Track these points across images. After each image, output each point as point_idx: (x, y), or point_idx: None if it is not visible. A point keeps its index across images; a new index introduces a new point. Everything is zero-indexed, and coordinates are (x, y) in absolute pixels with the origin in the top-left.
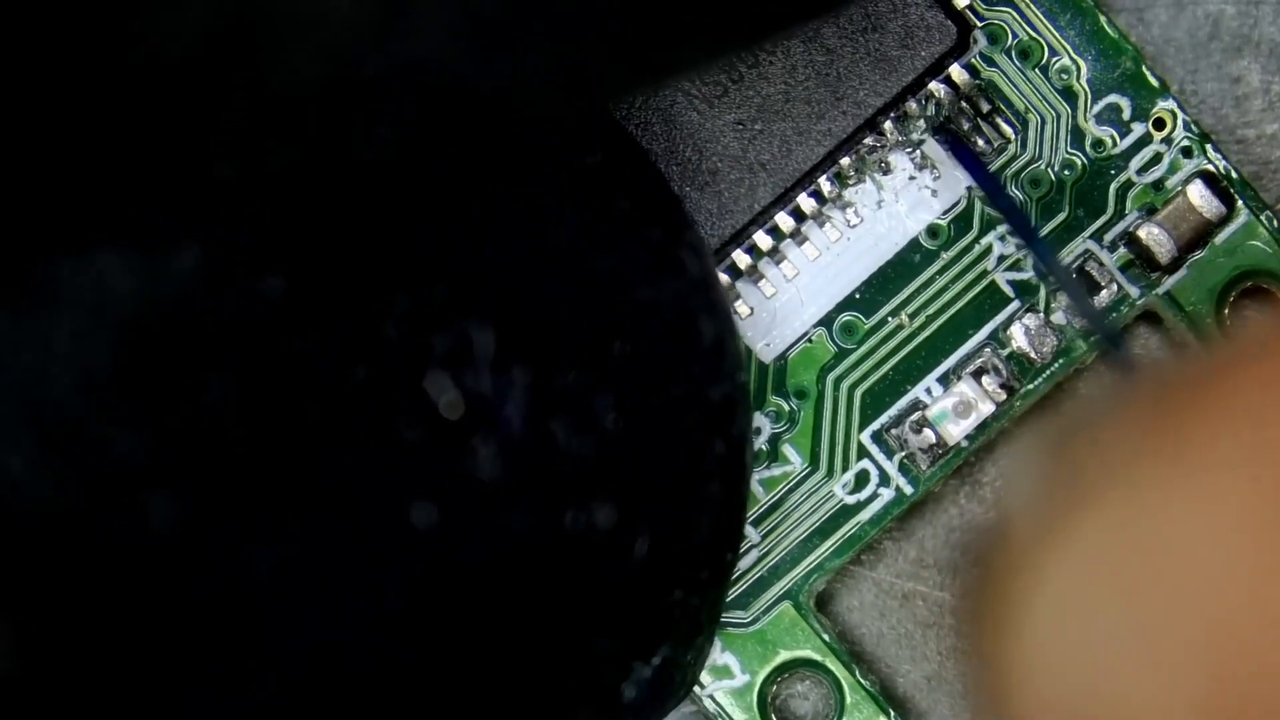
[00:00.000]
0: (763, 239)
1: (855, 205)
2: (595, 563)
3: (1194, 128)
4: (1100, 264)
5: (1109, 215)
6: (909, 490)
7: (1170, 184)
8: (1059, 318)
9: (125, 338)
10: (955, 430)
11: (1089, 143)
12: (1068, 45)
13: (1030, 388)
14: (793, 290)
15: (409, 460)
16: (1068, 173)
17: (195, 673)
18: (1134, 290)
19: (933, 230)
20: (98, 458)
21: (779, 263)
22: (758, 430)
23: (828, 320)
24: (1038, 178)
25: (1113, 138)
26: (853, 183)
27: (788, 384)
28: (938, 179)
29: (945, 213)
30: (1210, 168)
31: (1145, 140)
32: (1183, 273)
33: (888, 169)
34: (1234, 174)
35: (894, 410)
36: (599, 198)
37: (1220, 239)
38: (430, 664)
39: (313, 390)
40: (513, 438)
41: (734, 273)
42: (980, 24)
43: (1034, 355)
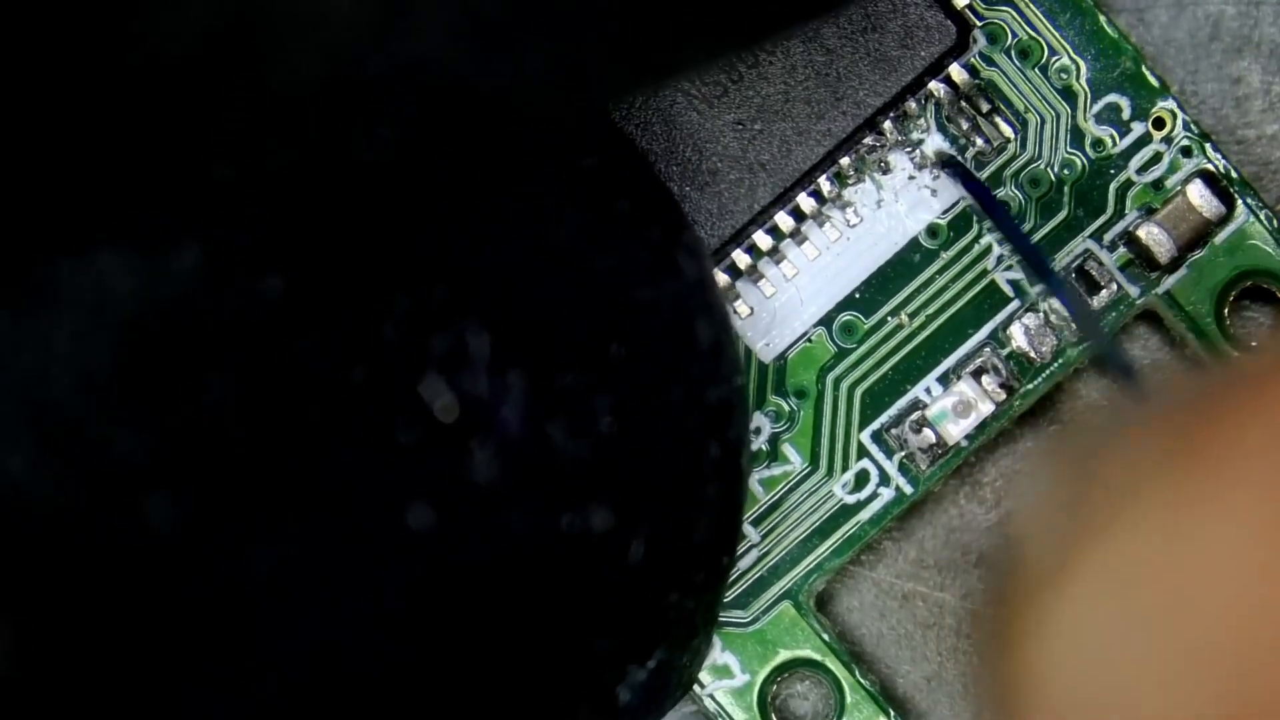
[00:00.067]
0: (762, 239)
1: (855, 205)
2: (592, 565)
3: (1194, 127)
4: (1100, 264)
5: (1109, 215)
6: (909, 490)
7: (1170, 184)
8: (1057, 319)
9: (125, 338)
10: (955, 430)
11: (1089, 142)
12: (1067, 45)
13: (1030, 387)
14: (792, 290)
15: (406, 462)
16: (1067, 172)
17: (195, 673)
18: (1134, 290)
19: (932, 230)
20: (98, 458)
21: (779, 262)
22: (757, 430)
23: (827, 320)
24: (1037, 177)
25: (1112, 137)
26: (852, 182)
27: (787, 384)
28: (937, 178)
29: (945, 212)
30: (1210, 167)
31: (1145, 140)
32: (1182, 272)
33: (887, 169)
34: (1234, 173)
35: (894, 410)
36: (599, 198)
37: (1220, 239)
38: (430, 664)
39: (313, 390)
40: (510, 440)
41: (734, 272)
42: (980, 24)
43: (1033, 355)
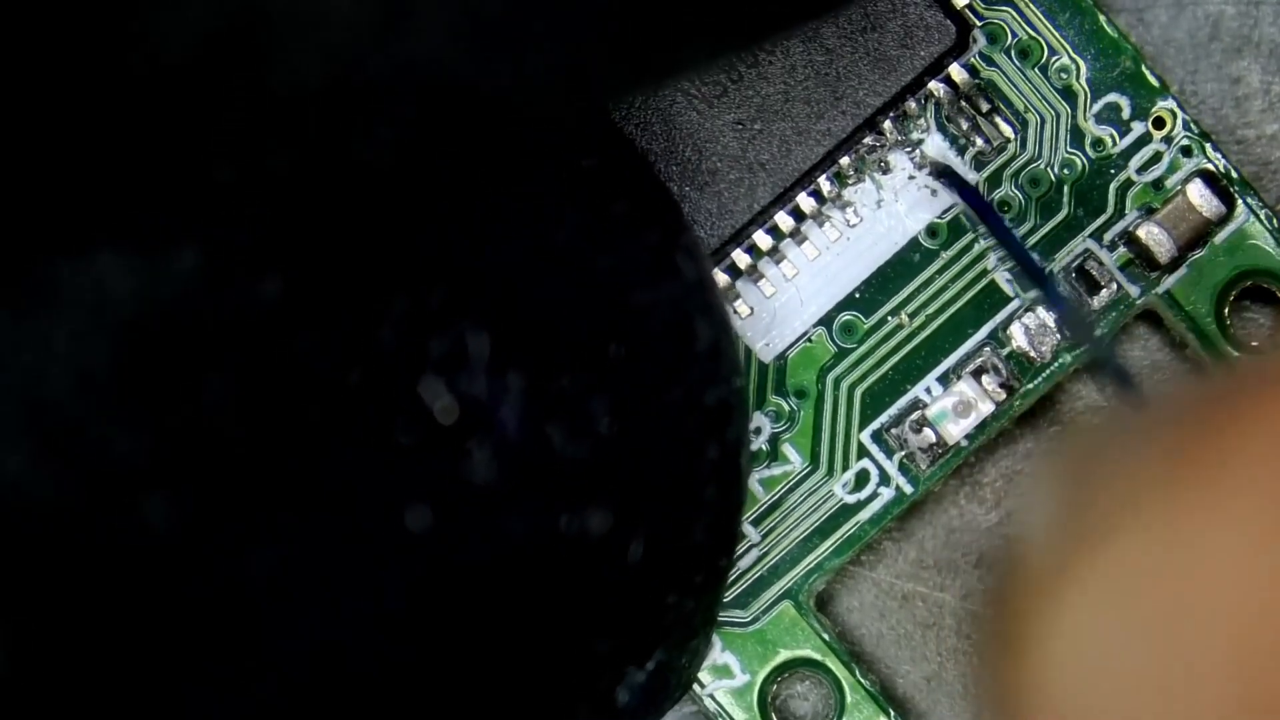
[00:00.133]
0: (762, 238)
1: (855, 205)
2: (590, 566)
3: (1193, 127)
4: (1100, 263)
5: (1108, 214)
6: (909, 490)
7: (1170, 183)
8: (1056, 320)
9: (125, 338)
10: (955, 430)
11: (1088, 142)
12: (1067, 45)
13: (1030, 387)
14: (792, 290)
15: (405, 462)
16: (1067, 172)
17: (195, 673)
18: (1134, 290)
19: (932, 229)
20: (97, 458)
21: (779, 262)
22: (757, 430)
23: (827, 320)
24: (1037, 177)
25: (1112, 137)
26: (852, 182)
27: (787, 383)
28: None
29: (945, 212)
30: (1210, 167)
31: (1145, 139)
32: (1182, 272)
33: (887, 168)
34: (1234, 173)
35: (894, 410)
36: (598, 198)
37: (1220, 238)
38: (429, 664)
39: (312, 391)
40: (508, 441)
41: (734, 272)
42: (980, 23)
43: (1033, 354)
